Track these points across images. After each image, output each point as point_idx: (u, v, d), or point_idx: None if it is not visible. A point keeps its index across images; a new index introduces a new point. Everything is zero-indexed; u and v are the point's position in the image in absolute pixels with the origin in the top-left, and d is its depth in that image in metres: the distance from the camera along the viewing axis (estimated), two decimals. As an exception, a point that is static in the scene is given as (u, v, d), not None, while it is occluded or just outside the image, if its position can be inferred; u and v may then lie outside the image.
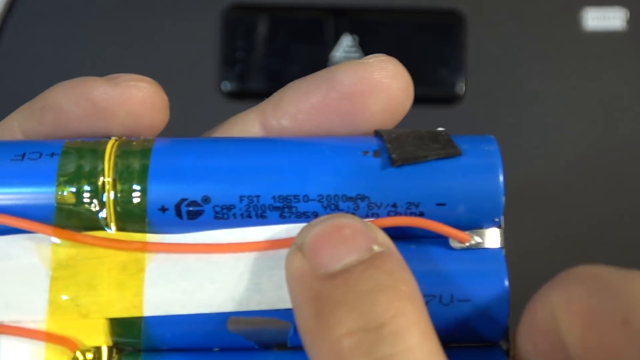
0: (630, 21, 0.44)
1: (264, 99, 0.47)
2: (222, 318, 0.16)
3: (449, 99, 0.44)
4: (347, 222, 0.15)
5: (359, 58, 0.45)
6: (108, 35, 0.45)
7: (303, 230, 0.15)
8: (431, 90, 0.44)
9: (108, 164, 0.16)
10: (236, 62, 0.44)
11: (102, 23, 0.45)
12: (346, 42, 0.44)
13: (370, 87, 0.17)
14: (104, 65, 0.45)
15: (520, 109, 0.44)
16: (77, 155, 0.16)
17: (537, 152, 0.43)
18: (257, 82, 0.44)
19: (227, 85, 0.44)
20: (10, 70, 0.45)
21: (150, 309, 0.16)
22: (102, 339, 0.16)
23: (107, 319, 0.16)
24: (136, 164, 0.16)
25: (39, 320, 0.16)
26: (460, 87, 0.44)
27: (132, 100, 0.17)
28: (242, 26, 0.45)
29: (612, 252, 0.42)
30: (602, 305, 0.14)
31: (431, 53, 0.44)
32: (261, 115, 0.18)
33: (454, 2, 0.44)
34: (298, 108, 0.17)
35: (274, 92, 0.51)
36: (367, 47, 0.44)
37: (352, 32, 0.44)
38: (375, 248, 0.14)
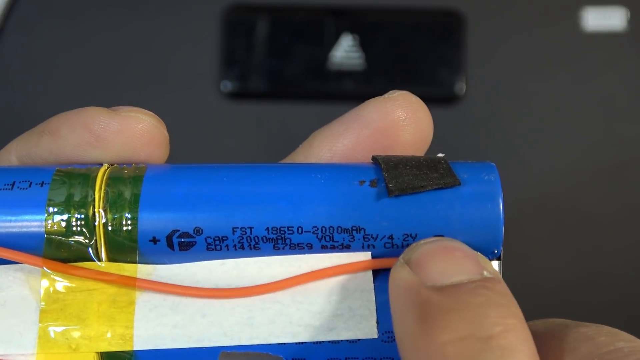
0: (630, 21, 0.44)
1: (263, 99, 0.47)
2: (214, 352, 0.16)
3: (449, 99, 0.44)
4: (458, 246, 0.15)
5: (359, 58, 0.45)
6: (108, 35, 0.45)
7: (410, 247, 0.15)
8: (431, 90, 0.44)
9: (99, 193, 0.16)
10: (236, 62, 0.44)
11: (102, 23, 0.45)
12: (346, 42, 0.44)
13: (401, 119, 0.17)
14: (104, 65, 0.45)
15: (520, 109, 0.44)
16: (67, 184, 0.16)
17: (536, 152, 0.43)
18: (257, 82, 0.44)
19: (227, 85, 0.44)
20: (10, 70, 0.45)
21: (140, 342, 0.15)
22: None
23: (97, 352, 0.15)
24: (127, 192, 0.16)
25: (28, 353, 0.15)
26: (460, 87, 0.44)
27: (130, 131, 0.16)
28: (242, 26, 0.45)
29: (610, 255, 0.42)
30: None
31: (431, 53, 0.44)
32: None
33: (454, 2, 0.44)
34: (333, 151, 0.17)
35: (274, 92, 0.50)
36: (367, 47, 0.44)
37: (352, 32, 0.44)
38: (485, 273, 0.14)
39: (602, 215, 0.42)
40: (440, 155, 0.16)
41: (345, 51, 0.44)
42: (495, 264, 0.16)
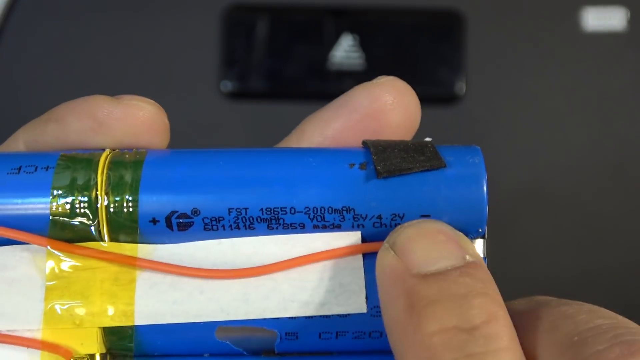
0: (630, 21, 0.44)
1: (263, 99, 0.47)
2: (211, 326, 0.16)
3: (449, 99, 0.44)
4: (440, 228, 0.15)
5: (359, 58, 0.45)
6: (108, 35, 0.45)
7: (395, 230, 0.16)
8: (431, 90, 0.44)
9: (101, 176, 0.16)
10: (236, 62, 0.44)
11: (102, 23, 0.45)
12: (346, 42, 0.44)
13: (388, 103, 0.18)
14: (104, 65, 0.45)
15: (520, 109, 0.44)
16: (71, 168, 0.17)
17: (536, 152, 0.43)
18: (257, 82, 0.44)
19: (227, 85, 0.44)
20: (10, 70, 0.45)
21: (141, 318, 0.16)
22: (95, 347, 0.16)
23: (99, 327, 0.16)
24: (128, 176, 0.16)
25: (34, 329, 0.16)
26: (460, 87, 0.44)
27: (132, 119, 0.17)
28: (242, 26, 0.45)
29: (609, 253, 0.42)
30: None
31: (431, 53, 0.44)
32: None
33: (454, 2, 0.45)
34: (324, 136, 0.18)
35: (274, 92, 0.50)
36: (367, 47, 0.44)
37: (352, 32, 0.44)
38: (468, 257, 0.15)
39: (602, 214, 0.43)
40: (427, 139, 0.17)
41: (345, 51, 0.44)
42: (480, 242, 0.17)
